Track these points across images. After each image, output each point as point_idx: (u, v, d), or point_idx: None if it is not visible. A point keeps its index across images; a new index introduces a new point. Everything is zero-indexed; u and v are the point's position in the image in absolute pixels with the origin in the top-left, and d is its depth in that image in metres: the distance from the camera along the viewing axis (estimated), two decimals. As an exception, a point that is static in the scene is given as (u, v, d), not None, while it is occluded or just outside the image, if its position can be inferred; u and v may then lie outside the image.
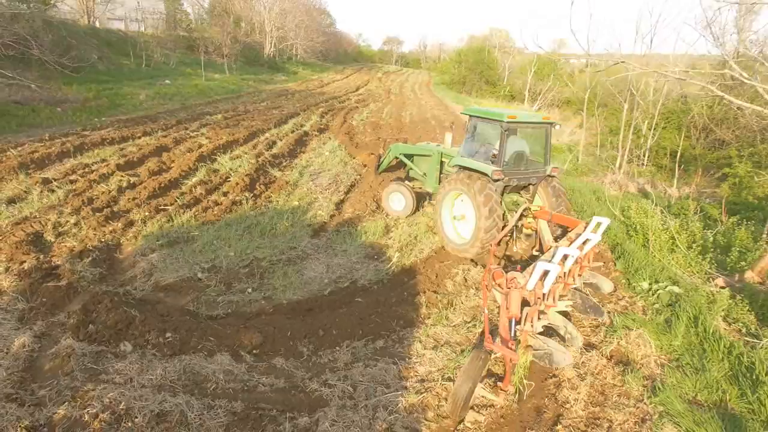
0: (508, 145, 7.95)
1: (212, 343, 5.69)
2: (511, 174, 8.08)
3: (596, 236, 6.32)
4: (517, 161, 8.28)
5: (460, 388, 4.61)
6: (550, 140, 8.55)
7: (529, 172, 8.40)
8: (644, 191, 15.61)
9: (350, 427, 4.52)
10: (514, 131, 8.19)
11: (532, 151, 8.64)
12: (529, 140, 8.65)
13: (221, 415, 4.58)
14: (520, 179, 8.28)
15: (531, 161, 8.59)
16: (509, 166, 8.10)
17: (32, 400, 4.64)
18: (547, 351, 5.27)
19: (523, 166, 8.37)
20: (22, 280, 6.72)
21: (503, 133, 7.73)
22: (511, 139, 8.05)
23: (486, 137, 8.59)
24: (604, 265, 8.61)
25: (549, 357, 5.25)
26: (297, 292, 7.06)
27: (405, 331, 6.23)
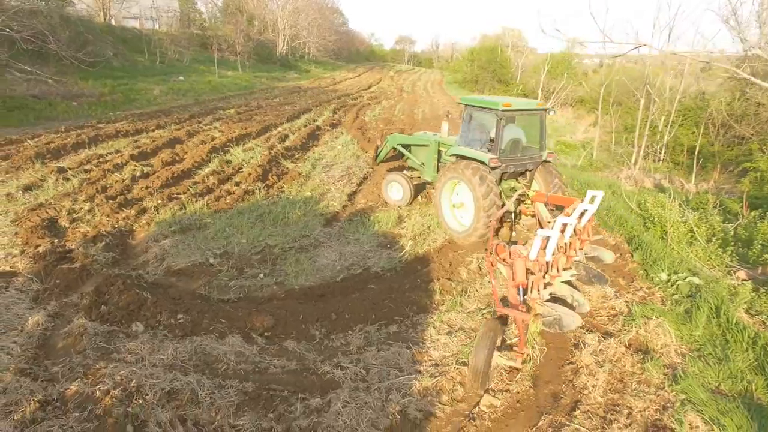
0: (504, 133, 8.04)
1: (223, 325, 5.65)
2: (508, 161, 8.20)
3: (593, 207, 6.32)
4: (514, 148, 8.41)
5: (478, 358, 4.66)
6: (545, 126, 8.63)
7: (526, 159, 8.51)
8: (661, 186, 15.33)
9: (363, 409, 4.44)
10: (509, 119, 8.23)
11: (528, 138, 8.71)
12: (525, 127, 8.70)
13: (232, 394, 4.53)
14: (516, 166, 8.40)
15: (527, 148, 8.66)
16: (506, 153, 8.20)
17: (45, 375, 4.64)
18: (555, 316, 5.25)
19: (519, 152, 8.48)
20: (37, 262, 6.75)
21: (499, 121, 7.82)
22: (506, 127, 8.12)
23: (482, 125, 8.60)
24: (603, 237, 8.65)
25: (558, 322, 5.23)
26: (309, 278, 7.00)
27: (418, 316, 6.13)
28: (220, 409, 4.34)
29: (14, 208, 8.64)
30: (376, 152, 11.85)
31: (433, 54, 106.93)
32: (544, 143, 8.66)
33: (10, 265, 6.75)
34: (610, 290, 7.20)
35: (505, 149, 8.17)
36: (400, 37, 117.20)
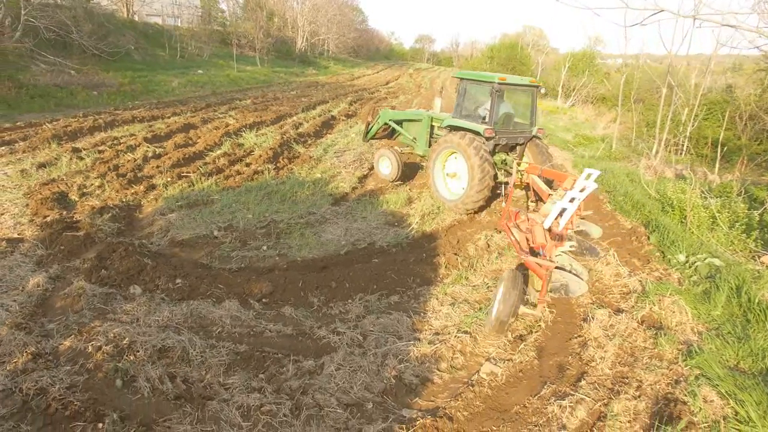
0: (498, 107, 8.35)
1: (221, 291, 5.57)
2: (501, 133, 8.53)
3: (592, 185, 6.36)
4: (506, 122, 8.77)
5: (505, 307, 4.92)
6: (536, 103, 9.05)
7: (517, 133, 8.89)
8: (682, 176, 14.81)
9: (357, 372, 4.29)
10: (503, 93, 8.56)
11: (519, 113, 9.12)
12: (517, 103, 9.17)
13: (223, 354, 4.44)
14: (509, 139, 8.75)
15: (518, 122, 9.05)
16: (498, 125, 8.52)
17: (41, 331, 4.62)
18: (563, 282, 5.32)
19: (511, 126, 8.87)
20: (44, 230, 6.78)
21: (494, 93, 8.16)
22: (500, 101, 8.46)
23: (476, 99, 8.92)
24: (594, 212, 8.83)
25: (565, 287, 5.32)
26: (313, 251, 6.89)
27: (422, 288, 5.97)
28: (211, 368, 4.25)
29: (27, 183, 8.73)
30: (366, 129, 11.68)
31: (453, 53, 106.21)
32: (535, 119, 9.05)
33: (18, 233, 6.80)
34: (624, 269, 6.93)
35: (498, 122, 8.49)
36: (420, 36, 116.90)
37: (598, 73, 47.64)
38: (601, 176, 12.49)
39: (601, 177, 12.40)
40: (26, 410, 3.62)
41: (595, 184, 6.43)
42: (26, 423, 3.52)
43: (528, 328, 5.33)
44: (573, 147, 19.39)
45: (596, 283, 6.62)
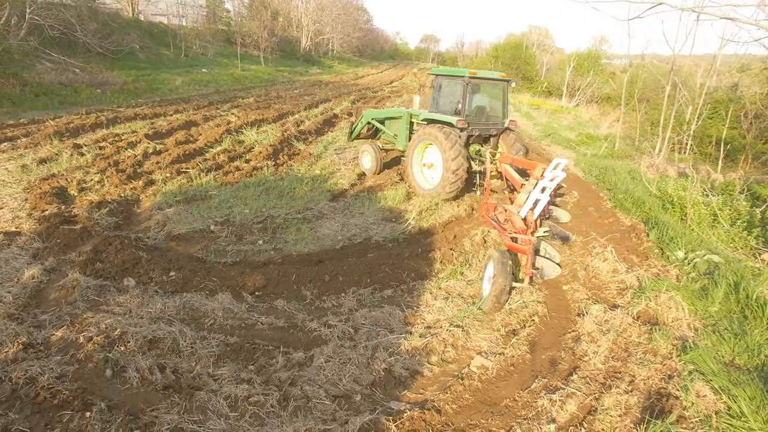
0: (470, 100, 8.88)
1: (215, 284, 5.58)
2: (474, 125, 8.93)
3: (561, 173, 6.78)
4: (479, 114, 9.27)
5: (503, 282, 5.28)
6: (507, 96, 9.57)
7: (490, 124, 9.32)
8: (684, 174, 14.70)
9: (346, 365, 4.28)
10: (475, 87, 9.05)
11: (492, 106, 9.59)
12: (489, 96, 9.62)
13: (213, 345, 4.44)
14: (482, 130, 9.16)
15: (491, 115, 9.50)
16: (471, 117, 8.97)
17: (33, 322, 4.64)
18: (538, 266, 5.83)
19: (484, 118, 9.32)
20: (41, 224, 6.82)
21: (465, 87, 8.60)
22: (472, 94, 9.00)
23: (450, 93, 9.22)
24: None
25: (540, 271, 5.86)
26: (309, 245, 6.88)
27: (416, 282, 5.95)
28: (201, 359, 4.26)
29: (27, 178, 8.78)
30: (350, 129, 12.00)
31: (458, 53, 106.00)
32: (506, 111, 9.55)
33: (15, 226, 6.84)
34: (621, 265, 6.88)
35: (471, 114, 8.98)
36: (425, 36, 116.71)
37: (603, 73, 47.40)
38: (602, 174, 12.53)
39: (602, 175, 12.42)
40: (15, 398, 3.63)
41: (563, 173, 6.85)
42: (14, 411, 3.53)
43: (521, 323, 5.30)
44: (576, 146, 19.30)
45: (593, 279, 6.58)
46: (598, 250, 7.31)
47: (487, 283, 5.56)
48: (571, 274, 6.65)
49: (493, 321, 5.28)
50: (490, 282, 5.45)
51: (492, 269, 5.43)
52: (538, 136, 20.37)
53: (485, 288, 5.57)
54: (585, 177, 12.76)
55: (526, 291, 5.83)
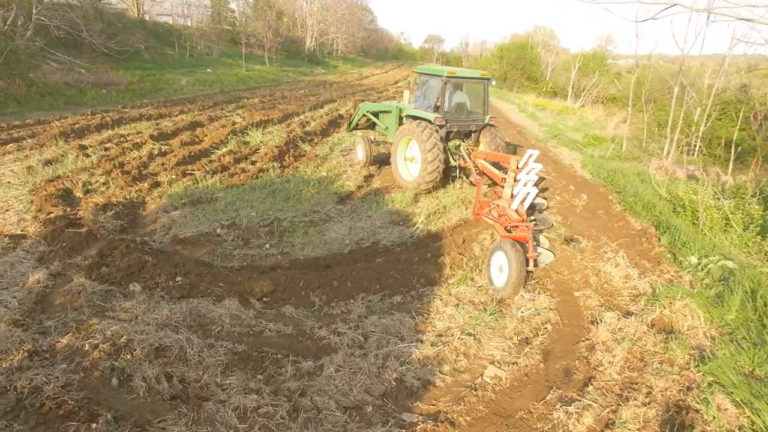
0: (450, 97, 9.26)
1: (222, 289, 5.49)
2: (453, 121, 9.31)
3: (537, 165, 7.23)
4: (458, 111, 9.59)
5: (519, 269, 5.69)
6: (487, 94, 9.92)
7: (469, 121, 9.66)
8: (694, 177, 14.53)
9: (357, 374, 4.19)
10: (454, 85, 9.39)
11: (473, 103, 9.85)
12: (470, 94, 9.86)
13: (221, 354, 4.35)
14: (461, 126, 9.52)
15: (471, 112, 9.81)
16: (451, 114, 9.33)
17: (38, 328, 4.57)
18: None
19: (463, 115, 9.65)
20: (47, 227, 6.75)
21: (443, 85, 9.00)
22: (451, 92, 9.34)
23: (432, 91, 9.53)
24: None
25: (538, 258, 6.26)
26: (316, 249, 6.79)
27: (425, 288, 5.85)
28: (208, 368, 4.17)
29: (33, 180, 8.73)
30: (349, 120, 12.51)
31: (462, 53, 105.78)
32: (487, 108, 9.92)
33: (21, 229, 6.78)
34: (633, 271, 6.76)
35: (450, 112, 9.33)
36: (430, 36, 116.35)
37: (608, 74, 47.14)
38: (610, 176, 12.37)
39: (611, 177, 12.27)
40: (20, 409, 3.56)
41: (539, 164, 7.28)
42: (19, 422, 3.46)
43: (534, 331, 5.20)
44: (582, 147, 19.14)
45: (605, 285, 6.46)
46: (609, 255, 7.20)
47: (498, 273, 5.98)
48: (583, 279, 6.53)
49: (505, 329, 5.18)
50: (501, 271, 5.92)
51: (499, 259, 5.95)
52: (545, 137, 20.21)
53: (497, 278, 5.99)
54: (593, 179, 12.61)
55: (538, 298, 5.73)
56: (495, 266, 6.05)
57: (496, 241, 6.25)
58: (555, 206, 9.62)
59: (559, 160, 15.09)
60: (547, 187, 10.48)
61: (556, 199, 10.07)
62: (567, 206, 9.70)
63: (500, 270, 5.94)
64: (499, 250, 5.97)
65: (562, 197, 10.21)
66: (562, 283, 6.47)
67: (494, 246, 6.20)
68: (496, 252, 6.06)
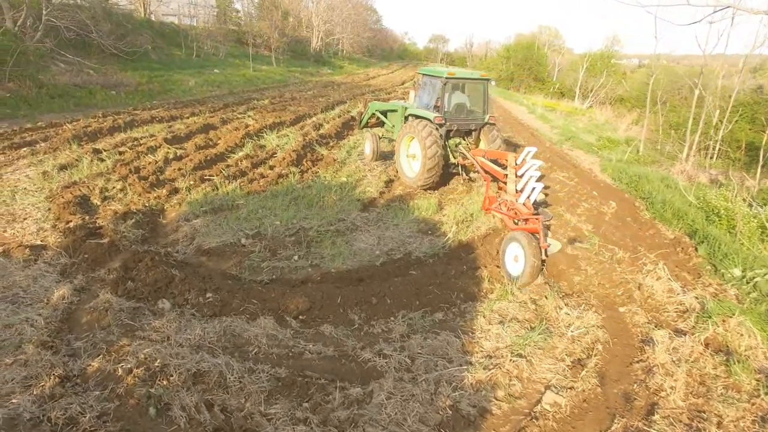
0: (450, 97, 9.64)
1: (255, 306, 5.24)
2: (453, 120, 9.60)
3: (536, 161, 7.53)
4: (458, 110, 9.88)
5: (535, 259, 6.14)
6: (487, 94, 10.11)
7: (469, 120, 9.91)
8: (718, 181, 14.24)
9: (409, 402, 3.93)
10: (454, 85, 9.77)
11: (473, 103, 10.12)
12: (470, 94, 10.15)
13: (263, 379, 4.09)
14: (460, 125, 9.79)
15: (471, 111, 10.06)
16: (450, 114, 9.65)
17: (67, 350, 4.33)
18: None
19: (463, 114, 9.93)
20: (67, 237, 6.52)
21: (443, 86, 9.33)
22: (451, 93, 9.72)
23: (432, 91, 9.84)
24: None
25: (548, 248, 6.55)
26: (346, 261, 6.53)
27: (466, 304, 5.59)
28: (250, 395, 3.91)
29: (49, 186, 8.51)
30: (360, 119, 12.89)
31: (467, 53, 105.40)
32: (487, 108, 10.08)
33: (41, 239, 6.55)
34: (676, 284, 6.48)
35: (450, 111, 9.67)
36: (434, 36, 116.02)
37: (616, 74, 46.79)
38: (633, 181, 12.08)
39: (635, 183, 11.97)
40: (55, 442, 3.31)
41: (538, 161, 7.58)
42: (56, 458, 3.21)
43: (585, 351, 4.93)
44: (598, 150, 18.84)
45: (649, 300, 6.19)
46: (649, 267, 6.92)
47: (513, 262, 6.36)
48: (626, 294, 6.26)
49: (555, 349, 4.92)
50: (516, 261, 6.31)
51: (514, 250, 6.34)
52: (558, 139, 19.90)
53: (512, 267, 6.36)
54: (616, 184, 12.32)
55: (585, 315, 5.47)
56: (510, 257, 6.42)
57: (508, 234, 6.64)
58: (583, 213, 9.34)
59: (577, 164, 14.80)
60: (573, 194, 10.25)
61: (583, 206, 9.78)
62: (595, 213, 9.41)
63: (515, 260, 6.32)
64: (513, 242, 6.35)
65: (590, 204, 9.93)
66: (605, 297, 6.20)
67: (507, 238, 6.56)
68: (510, 243, 6.43)
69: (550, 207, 9.30)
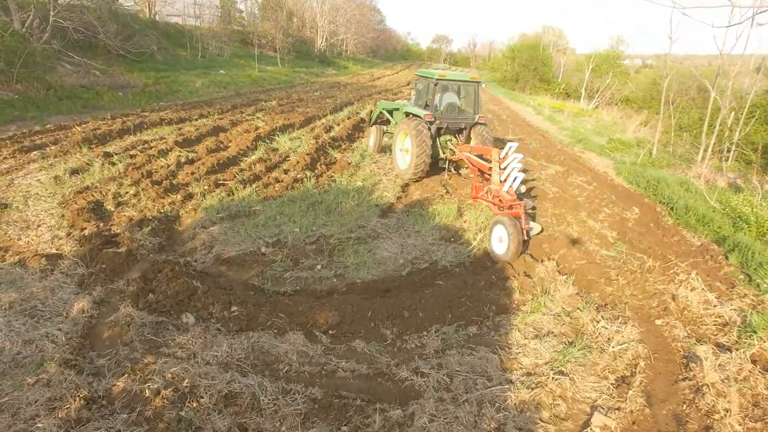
0: (441, 98, 10.49)
1: (282, 320, 5.03)
2: (443, 118, 10.29)
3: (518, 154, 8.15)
4: (450, 110, 10.66)
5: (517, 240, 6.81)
6: (478, 95, 10.83)
7: (459, 119, 10.61)
8: (736, 185, 14.00)
9: (453, 424, 3.73)
10: (444, 86, 10.51)
11: (464, 103, 10.93)
12: (461, 95, 10.96)
13: (299, 401, 3.89)
14: (450, 123, 10.44)
15: (462, 110, 10.84)
16: (441, 113, 10.41)
17: (91, 369, 4.14)
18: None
19: (454, 113, 10.68)
20: (83, 245, 6.34)
21: (434, 87, 10.07)
22: (443, 93, 10.55)
23: (425, 91, 10.56)
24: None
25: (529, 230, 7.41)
26: (371, 271, 6.33)
27: (500, 317, 5.38)
28: (286, 419, 3.71)
29: (61, 191, 8.32)
30: (369, 116, 13.75)
31: (470, 53, 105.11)
32: (477, 108, 10.77)
33: (56, 248, 6.35)
34: (711, 295, 6.26)
35: (442, 110, 10.46)
36: (437, 36, 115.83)
37: (622, 75, 46.48)
38: (650, 185, 11.85)
39: (653, 187, 11.75)
40: (84, 473, 3.12)
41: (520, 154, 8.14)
42: (85, 490, 3.01)
43: (628, 368, 4.72)
44: (610, 152, 18.61)
45: (685, 312, 5.97)
46: (681, 277, 6.71)
47: (498, 242, 7.07)
48: (661, 305, 6.05)
49: (596, 365, 4.71)
50: (500, 241, 7.02)
51: (499, 232, 7.07)
52: (569, 142, 19.70)
53: (497, 247, 7.07)
54: (633, 188, 12.12)
55: (624, 329, 5.26)
56: (495, 238, 7.15)
57: (494, 218, 7.38)
58: (605, 219, 9.14)
59: (592, 167, 14.59)
60: (593, 199, 10.04)
61: (605, 211, 9.58)
62: (618, 219, 9.21)
63: (500, 240, 7.04)
64: (498, 224, 7.09)
65: (611, 210, 9.72)
66: (639, 308, 5.99)
67: (493, 221, 7.30)
68: (495, 226, 7.17)
69: (571, 212, 9.12)
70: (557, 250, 7.35)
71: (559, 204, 9.62)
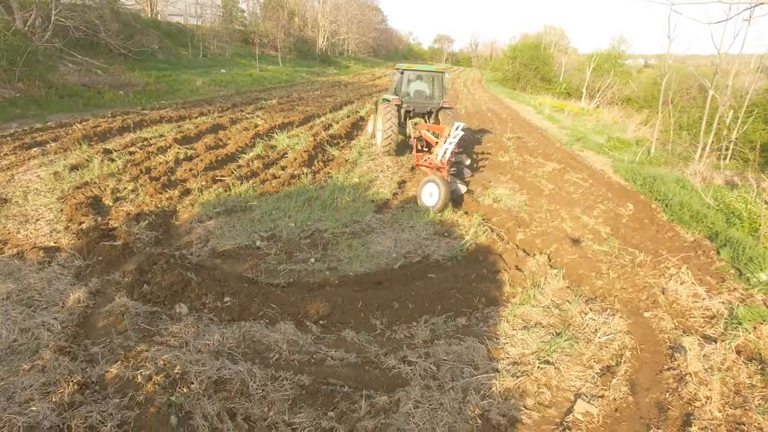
0: (409, 85, 12.46)
1: (274, 311, 5.12)
2: (410, 103, 12.22)
3: (459, 132, 9.30)
4: (417, 96, 12.54)
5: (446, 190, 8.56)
6: (442, 83, 12.66)
7: (426, 103, 12.37)
8: (733, 183, 14.03)
9: (437, 411, 3.81)
10: (411, 76, 12.47)
11: (431, 91, 12.68)
12: (428, 83, 12.74)
13: (287, 387, 3.98)
14: (418, 107, 12.32)
15: (429, 96, 12.60)
16: (410, 98, 12.34)
17: (85, 356, 4.23)
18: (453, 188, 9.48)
19: (421, 99, 12.48)
20: (80, 239, 6.43)
21: (401, 76, 12.25)
22: (411, 82, 12.50)
23: (398, 81, 12.49)
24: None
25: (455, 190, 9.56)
26: (364, 264, 6.41)
27: (489, 309, 5.46)
28: (274, 404, 3.80)
29: (60, 186, 8.44)
30: (374, 107, 15.07)
31: (472, 53, 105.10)
32: (441, 94, 12.51)
33: (54, 241, 6.46)
34: (701, 289, 6.33)
35: (410, 96, 12.37)
36: (439, 36, 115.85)
37: (624, 75, 46.48)
38: (647, 183, 11.90)
39: (650, 184, 11.80)
40: (76, 453, 3.21)
41: (462, 132, 9.31)
42: (77, 469, 3.11)
43: (613, 358, 4.80)
44: (608, 151, 18.65)
45: (674, 305, 6.04)
46: (672, 271, 6.78)
47: (428, 197, 8.69)
48: (650, 299, 6.11)
49: (582, 355, 4.79)
50: (431, 196, 8.65)
51: (429, 188, 8.70)
52: (568, 140, 19.73)
53: (428, 200, 8.69)
54: (630, 186, 12.18)
55: (612, 320, 5.33)
56: (426, 194, 8.72)
57: (426, 177, 8.98)
58: (600, 215, 9.22)
59: (590, 165, 14.65)
60: (588, 195, 10.12)
61: (600, 208, 9.66)
62: (612, 215, 9.28)
63: (430, 195, 8.63)
64: (429, 182, 8.71)
65: (606, 206, 9.80)
66: (629, 301, 6.05)
67: (424, 180, 8.84)
68: (426, 184, 8.76)
69: (566, 208, 9.19)
70: (550, 245, 7.42)
71: (554, 200, 9.70)
